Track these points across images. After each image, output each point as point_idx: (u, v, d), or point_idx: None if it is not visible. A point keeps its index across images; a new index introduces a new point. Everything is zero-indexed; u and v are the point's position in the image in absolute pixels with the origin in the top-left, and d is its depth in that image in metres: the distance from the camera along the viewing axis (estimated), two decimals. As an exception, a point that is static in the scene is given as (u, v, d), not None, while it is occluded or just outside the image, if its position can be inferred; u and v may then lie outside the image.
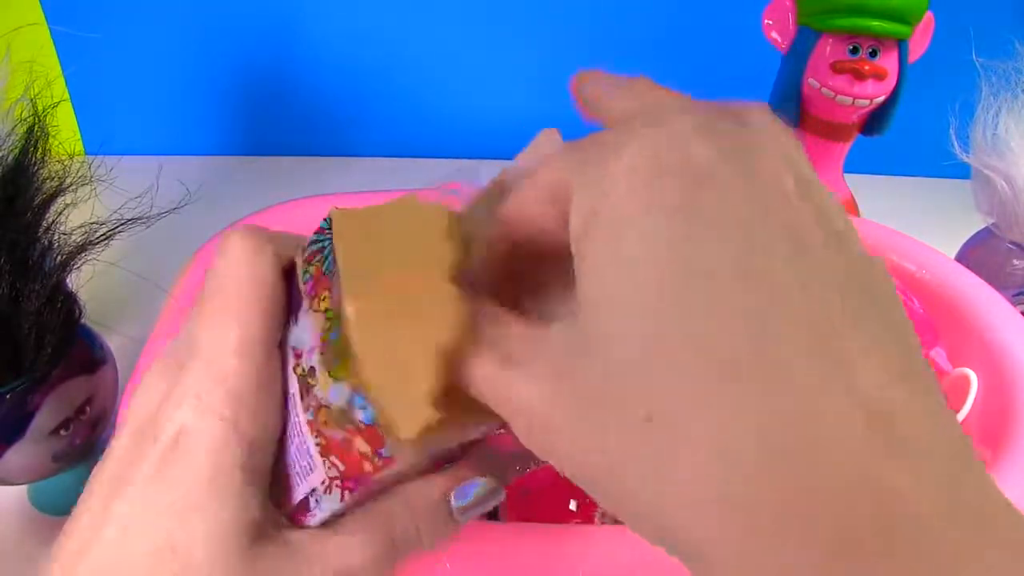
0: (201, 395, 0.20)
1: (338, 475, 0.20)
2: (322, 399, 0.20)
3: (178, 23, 0.66)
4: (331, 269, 0.20)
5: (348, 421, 0.20)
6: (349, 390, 0.19)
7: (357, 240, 0.20)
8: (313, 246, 0.21)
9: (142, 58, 0.67)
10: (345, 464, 0.20)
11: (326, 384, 0.19)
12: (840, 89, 0.45)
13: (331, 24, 0.66)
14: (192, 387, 0.20)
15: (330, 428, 0.20)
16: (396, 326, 0.19)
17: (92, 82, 0.65)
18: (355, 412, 0.19)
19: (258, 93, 0.69)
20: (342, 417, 0.20)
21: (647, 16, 0.65)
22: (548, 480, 0.37)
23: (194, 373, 0.20)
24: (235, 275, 0.21)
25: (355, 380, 0.19)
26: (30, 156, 0.35)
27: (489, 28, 0.66)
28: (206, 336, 0.20)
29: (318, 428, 0.20)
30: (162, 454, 0.19)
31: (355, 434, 0.20)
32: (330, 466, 0.20)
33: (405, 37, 0.66)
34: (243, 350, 0.20)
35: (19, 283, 0.33)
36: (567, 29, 0.66)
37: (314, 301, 0.20)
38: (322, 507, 0.21)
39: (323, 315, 0.20)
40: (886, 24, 0.43)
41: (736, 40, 0.62)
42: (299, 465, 0.21)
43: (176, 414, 0.20)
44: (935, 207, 0.62)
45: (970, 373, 0.36)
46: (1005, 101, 0.44)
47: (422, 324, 0.18)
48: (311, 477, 0.21)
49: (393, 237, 0.20)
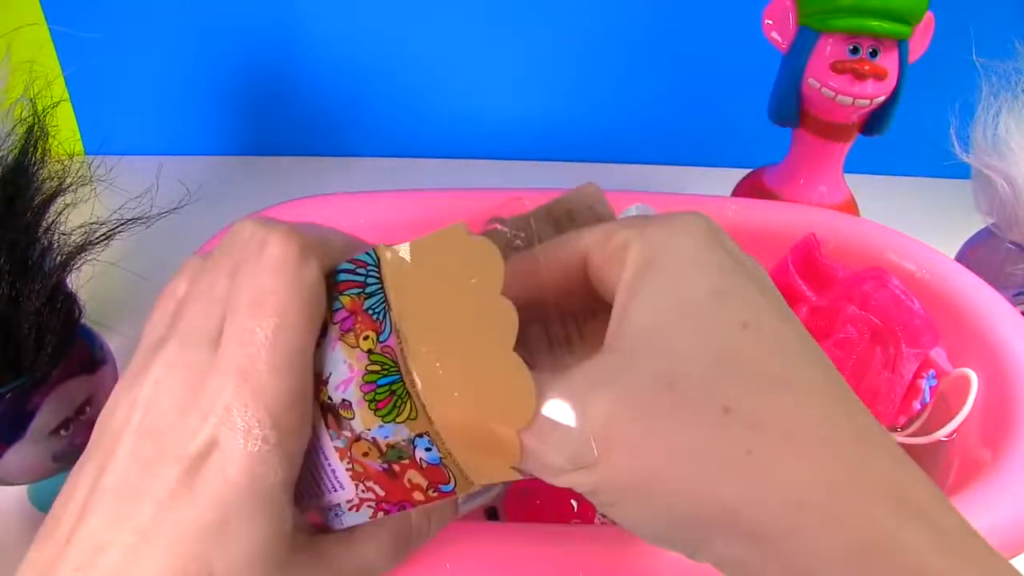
0: (234, 409, 0.18)
1: (375, 498, 0.21)
2: (361, 433, 0.20)
3: (178, 23, 0.65)
4: (380, 315, 0.20)
5: (402, 456, 0.20)
6: (410, 432, 0.19)
7: (414, 292, 0.20)
8: (348, 276, 0.20)
9: (142, 58, 0.67)
10: (387, 491, 0.21)
11: (371, 422, 0.20)
12: (840, 89, 0.45)
13: (331, 24, 0.66)
14: (223, 399, 0.19)
15: (371, 459, 0.20)
16: (476, 406, 0.19)
17: (92, 82, 0.65)
18: (417, 451, 0.20)
19: (258, 93, 0.69)
20: (393, 452, 0.20)
21: (647, 17, 0.65)
22: (548, 480, 0.37)
23: (225, 383, 0.19)
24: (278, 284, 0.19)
25: (420, 429, 0.19)
26: (30, 156, 0.35)
27: (489, 28, 0.66)
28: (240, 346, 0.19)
29: (351, 457, 0.20)
30: (187, 469, 0.18)
31: (408, 467, 0.20)
32: (365, 490, 0.21)
33: (405, 37, 0.66)
34: (284, 365, 0.19)
35: (19, 283, 0.33)
36: (567, 29, 0.66)
37: (349, 336, 0.20)
38: (343, 520, 0.21)
39: (366, 355, 0.20)
40: (886, 24, 0.43)
41: (736, 40, 0.62)
42: (320, 481, 0.21)
43: (204, 428, 0.19)
44: (935, 207, 0.62)
45: (970, 373, 0.36)
46: (1005, 101, 0.43)
47: (502, 404, 0.19)
48: (335, 495, 0.21)
49: (450, 287, 0.19)
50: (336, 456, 0.20)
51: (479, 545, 0.29)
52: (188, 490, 0.18)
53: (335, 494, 0.21)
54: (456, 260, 0.19)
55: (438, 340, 0.19)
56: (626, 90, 0.68)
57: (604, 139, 0.71)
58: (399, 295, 0.20)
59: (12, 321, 0.33)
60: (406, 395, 0.19)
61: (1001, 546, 0.27)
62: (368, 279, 0.20)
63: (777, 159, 0.53)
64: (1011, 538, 0.28)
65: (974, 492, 0.29)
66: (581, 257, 0.21)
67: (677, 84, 0.68)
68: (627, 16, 0.65)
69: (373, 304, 0.20)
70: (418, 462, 0.20)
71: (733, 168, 0.58)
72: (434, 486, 0.20)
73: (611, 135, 0.71)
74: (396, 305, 0.20)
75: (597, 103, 0.69)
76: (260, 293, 0.19)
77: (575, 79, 0.68)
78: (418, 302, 0.20)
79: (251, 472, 0.18)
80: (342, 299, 0.20)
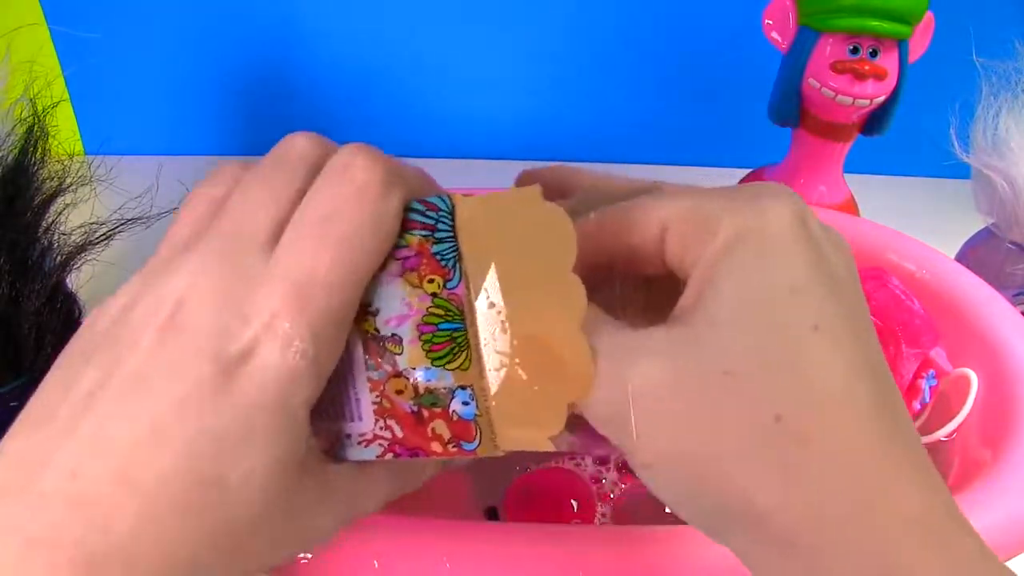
0: (281, 321, 0.18)
1: (391, 438, 0.21)
2: (403, 370, 0.20)
3: (178, 23, 0.65)
4: (451, 263, 0.20)
5: (436, 403, 0.20)
6: (454, 382, 0.20)
7: (487, 249, 0.20)
8: (417, 216, 0.20)
9: (142, 58, 0.67)
10: (405, 433, 0.21)
11: (419, 361, 0.20)
12: (840, 89, 0.45)
13: (331, 24, 0.66)
14: (270, 306, 0.18)
15: (403, 398, 0.20)
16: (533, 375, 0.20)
17: (92, 82, 0.65)
18: (453, 402, 0.20)
19: (258, 93, 0.69)
20: (429, 395, 0.20)
21: (648, 17, 0.65)
22: (548, 480, 0.37)
23: (276, 291, 0.18)
24: (356, 208, 0.19)
25: (467, 381, 0.20)
26: (30, 156, 0.35)
27: (490, 28, 0.66)
28: (301, 258, 0.18)
29: (383, 391, 0.20)
30: (222, 371, 0.17)
31: (438, 416, 0.20)
32: (385, 427, 0.21)
33: (406, 37, 0.66)
34: (340, 287, 0.18)
35: (19, 283, 0.33)
36: (567, 30, 0.66)
37: (412, 275, 0.20)
38: (348, 453, 0.21)
39: (430, 297, 0.20)
40: (886, 24, 0.43)
41: (736, 40, 0.62)
42: (341, 407, 0.21)
43: (245, 332, 0.18)
44: (935, 207, 0.62)
45: (970, 373, 0.36)
46: (1005, 101, 0.44)
47: (559, 380, 0.19)
48: (351, 425, 0.21)
49: (523, 251, 0.20)
50: (367, 387, 0.21)
51: (479, 545, 0.29)
52: (219, 393, 0.17)
53: (351, 424, 0.21)
54: (531, 225, 0.20)
55: (508, 303, 0.20)
56: (627, 90, 0.68)
57: (604, 139, 0.71)
58: (472, 248, 0.20)
59: (12, 321, 0.33)
60: (465, 344, 0.20)
61: (1001, 546, 0.27)
62: (439, 224, 0.20)
63: (777, 159, 0.53)
64: (1011, 538, 0.28)
65: (974, 492, 0.29)
66: (656, 226, 0.20)
67: (678, 84, 0.68)
68: (628, 16, 0.65)
69: (443, 250, 0.20)
70: (450, 413, 0.20)
71: (733, 168, 0.58)
72: (456, 441, 0.21)
73: (611, 135, 0.71)
74: (469, 257, 0.20)
75: (597, 103, 0.69)
76: (335, 212, 0.19)
77: (575, 79, 0.68)
78: (491, 261, 0.20)
79: (285, 385, 0.18)
80: (408, 237, 0.20)
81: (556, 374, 0.19)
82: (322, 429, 0.21)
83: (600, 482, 0.37)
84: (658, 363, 0.18)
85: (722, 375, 0.18)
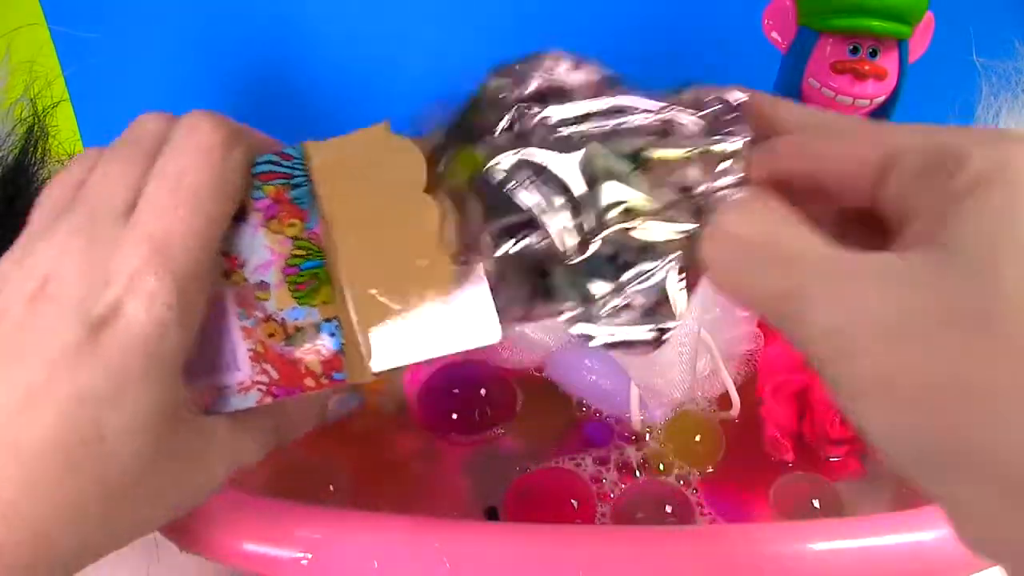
0: (142, 275, 0.19)
1: (268, 381, 0.22)
2: (273, 313, 0.22)
3: (178, 23, 0.65)
4: (307, 205, 0.22)
5: (305, 340, 0.22)
6: (320, 316, 0.21)
7: (340, 186, 0.22)
8: (272, 167, 0.22)
9: (142, 58, 0.67)
10: (281, 374, 0.22)
11: (286, 303, 0.21)
12: (840, 89, 0.45)
13: (332, 24, 0.66)
14: (130, 265, 0.19)
15: (275, 340, 0.22)
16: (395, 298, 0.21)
17: (92, 82, 0.65)
18: (321, 336, 0.22)
19: (258, 93, 0.69)
20: (297, 334, 0.22)
21: (647, 16, 0.65)
22: (548, 480, 0.37)
23: (135, 252, 0.19)
24: (203, 164, 0.20)
25: (331, 311, 0.21)
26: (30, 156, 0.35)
27: (490, 29, 0.66)
28: (155, 217, 0.20)
29: (256, 337, 0.22)
30: (89, 333, 0.19)
31: (309, 352, 0.22)
32: (261, 372, 0.22)
33: (406, 38, 0.66)
34: (196, 241, 0.20)
35: (19, 283, 0.33)
36: (567, 30, 0.66)
37: (273, 222, 0.22)
38: (230, 403, 0.22)
39: (291, 241, 0.22)
40: (886, 24, 0.43)
41: (736, 40, 0.62)
42: (218, 358, 0.22)
43: (108, 292, 0.19)
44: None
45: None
46: (1005, 101, 0.44)
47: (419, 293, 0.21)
48: (230, 375, 0.22)
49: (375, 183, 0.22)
50: (241, 335, 0.22)
51: (479, 545, 0.29)
52: (87, 354, 0.18)
53: (229, 374, 0.22)
54: (380, 158, 0.22)
55: (363, 233, 0.21)
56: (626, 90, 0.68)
57: (604, 139, 0.71)
58: (326, 187, 0.22)
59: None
60: (326, 279, 0.21)
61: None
62: (294, 171, 0.22)
63: (777, 159, 0.53)
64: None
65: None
66: (879, 154, 0.19)
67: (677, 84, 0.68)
68: (627, 16, 0.65)
69: (299, 195, 0.22)
70: (320, 348, 0.22)
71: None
72: (328, 373, 0.22)
73: (611, 135, 0.71)
74: (324, 196, 0.22)
75: (597, 103, 0.69)
76: (184, 170, 0.20)
77: (575, 79, 0.68)
78: (345, 195, 0.22)
79: (152, 339, 0.19)
80: (265, 188, 0.22)
81: (417, 288, 0.21)
82: (203, 385, 0.22)
83: (600, 482, 0.37)
84: (893, 288, 0.17)
85: (979, 312, 0.16)
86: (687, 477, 0.38)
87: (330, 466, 0.38)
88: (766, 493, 0.37)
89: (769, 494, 0.37)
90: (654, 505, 0.36)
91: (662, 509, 0.36)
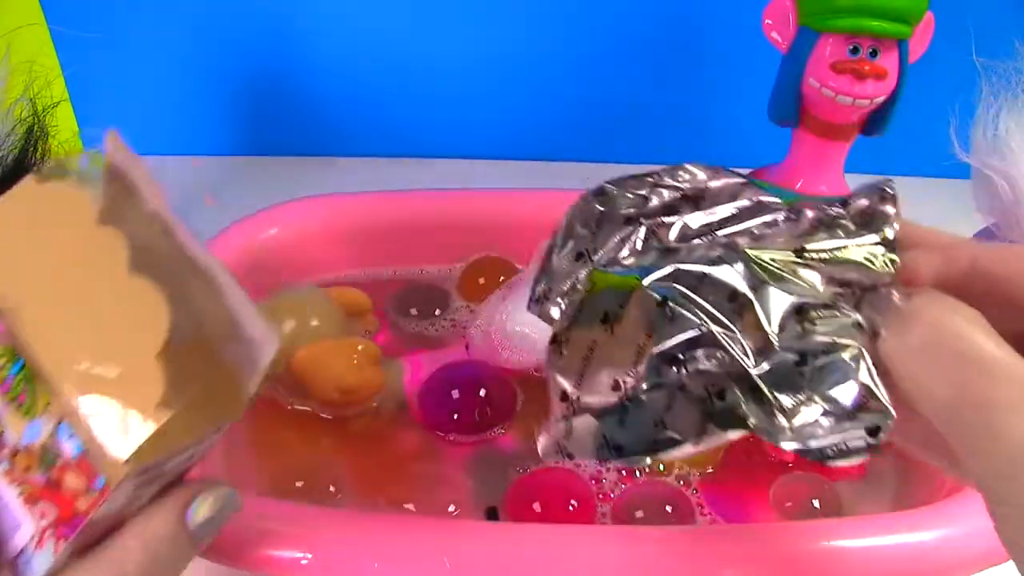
0: None
1: (51, 522, 0.19)
2: (15, 444, 0.19)
3: (179, 23, 0.65)
4: None
5: (55, 456, 0.19)
6: (53, 421, 0.19)
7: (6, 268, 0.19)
8: None
9: (142, 58, 0.67)
10: (58, 507, 0.19)
11: (19, 424, 0.19)
12: (840, 89, 0.45)
13: (332, 24, 0.66)
14: None
15: (33, 472, 0.19)
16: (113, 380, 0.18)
17: (92, 82, 0.65)
18: (62, 445, 0.19)
19: (259, 93, 0.69)
20: (46, 455, 0.19)
21: (647, 17, 0.65)
22: (548, 480, 0.37)
23: None
24: None
25: (56, 409, 0.18)
26: (30, 156, 0.35)
27: (490, 29, 0.66)
28: None
29: (19, 476, 0.19)
30: None
31: (64, 470, 0.19)
32: (40, 515, 0.19)
33: (406, 38, 0.66)
34: None
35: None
36: (567, 30, 0.66)
37: None
38: (34, 567, 0.19)
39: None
40: (886, 24, 0.43)
41: (736, 40, 0.62)
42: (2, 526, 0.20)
43: None
44: (935, 207, 0.62)
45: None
46: (1005, 101, 0.43)
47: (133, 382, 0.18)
48: (17, 536, 0.19)
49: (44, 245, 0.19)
50: (4, 481, 0.19)
51: (479, 545, 0.29)
52: None
53: (18, 535, 0.19)
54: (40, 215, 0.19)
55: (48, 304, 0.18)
56: (627, 90, 0.68)
57: (604, 138, 0.71)
58: None
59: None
60: (35, 377, 0.19)
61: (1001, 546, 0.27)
62: None
63: (777, 159, 0.53)
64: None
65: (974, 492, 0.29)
66: None
67: (677, 84, 0.68)
68: (627, 16, 0.65)
69: None
70: (67, 459, 0.19)
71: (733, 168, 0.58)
72: (90, 484, 0.19)
73: (611, 135, 0.70)
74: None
75: (597, 103, 0.69)
76: None
77: (575, 79, 0.68)
78: (13, 274, 0.19)
79: None
80: None
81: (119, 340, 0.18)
82: (4, 557, 0.20)
83: (600, 482, 0.37)
84: None
85: None
86: (687, 477, 0.38)
87: (330, 466, 0.38)
88: (766, 493, 0.37)
89: (769, 494, 0.37)
90: (654, 505, 0.36)
91: (662, 509, 0.36)
